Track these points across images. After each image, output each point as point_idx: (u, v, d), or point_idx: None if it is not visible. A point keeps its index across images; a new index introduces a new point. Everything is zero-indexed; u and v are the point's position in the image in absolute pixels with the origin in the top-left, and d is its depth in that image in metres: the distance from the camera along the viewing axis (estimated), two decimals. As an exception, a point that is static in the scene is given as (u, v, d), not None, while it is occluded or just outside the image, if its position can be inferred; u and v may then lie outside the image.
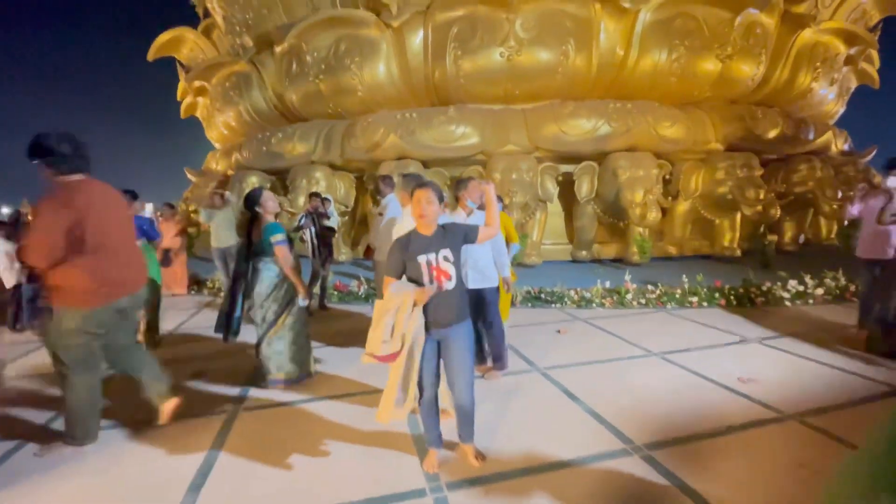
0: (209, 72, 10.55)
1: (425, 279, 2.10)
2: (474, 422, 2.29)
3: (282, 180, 10.14)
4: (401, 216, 2.73)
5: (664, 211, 8.61)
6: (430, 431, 2.27)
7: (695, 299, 5.11)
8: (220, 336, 3.22)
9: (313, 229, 5.18)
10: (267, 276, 3.16)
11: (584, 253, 8.51)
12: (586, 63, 8.12)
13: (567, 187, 8.64)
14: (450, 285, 2.11)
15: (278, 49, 9.26)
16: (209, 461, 2.33)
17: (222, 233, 5.94)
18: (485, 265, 3.24)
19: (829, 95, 10.00)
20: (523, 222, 8.09)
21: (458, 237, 2.17)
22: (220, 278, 6.31)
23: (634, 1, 7.80)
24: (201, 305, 5.93)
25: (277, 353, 3.19)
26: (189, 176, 12.67)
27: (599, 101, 8.45)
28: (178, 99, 13.08)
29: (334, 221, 5.81)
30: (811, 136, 9.06)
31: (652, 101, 8.45)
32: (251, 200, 3.20)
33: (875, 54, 10.65)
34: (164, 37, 11.51)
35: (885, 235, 3.72)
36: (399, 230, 2.66)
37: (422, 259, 2.10)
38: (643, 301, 5.18)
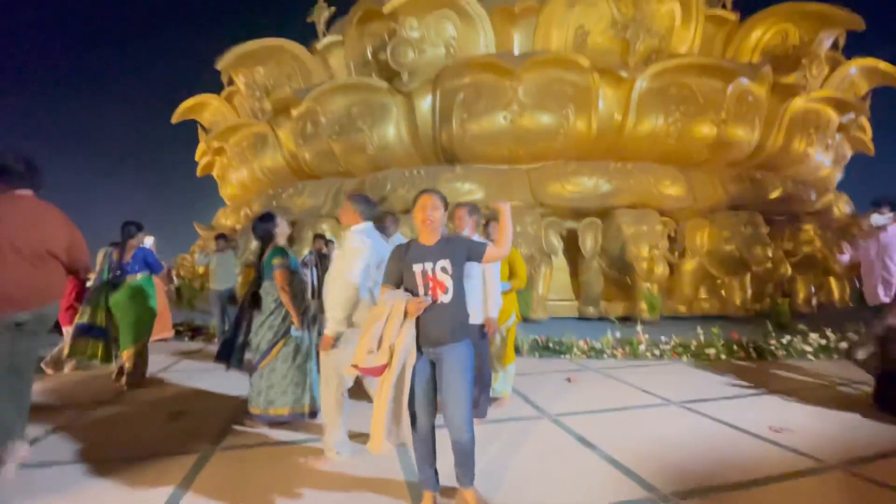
0: (228, 133, 11.15)
1: (420, 290, 1.97)
2: (475, 464, 2.01)
3: (289, 236, 10.27)
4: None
5: (671, 269, 8.49)
6: (425, 471, 1.99)
7: (712, 351, 4.83)
8: (206, 381, 3.02)
9: (315, 270, 5.09)
10: (264, 300, 3.02)
11: (591, 309, 8.27)
12: (586, 126, 8.48)
13: (572, 243, 8.62)
14: (446, 298, 1.96)
15: (295, 112, 9.83)
16: (172, 502, 2.05)
17: (221, 273, 5.86)
18: (470, 298, 2.98)
19: (825, 161, 10.25)
20: (529, 275, 7.98)
21: (461, 250, 2.06)
22: (216, 324, 6.12)
23: (631, 71, 8.31)
24: (191, 351, 5.69)
25: (268, 387, 2.94)
26: (198, 230, 12.91)
27: (601, 161, 8.70)
28: (197, 159, 13.73)
29: (337, 266, 5.73)
30: (813, 198, 9.16)
31: (652, 163, 8.69)
32: (265, 222, 3.11)
33: (867, 123, 11.06)
34: (189, 102, 12.35)
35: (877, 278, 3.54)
36: (347, 258, 2.44)
37: (417, 267, 1.98)
38: (657, 353, 4.89)
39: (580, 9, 8.48)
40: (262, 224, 3.15)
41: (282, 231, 3.17)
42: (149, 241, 6.50)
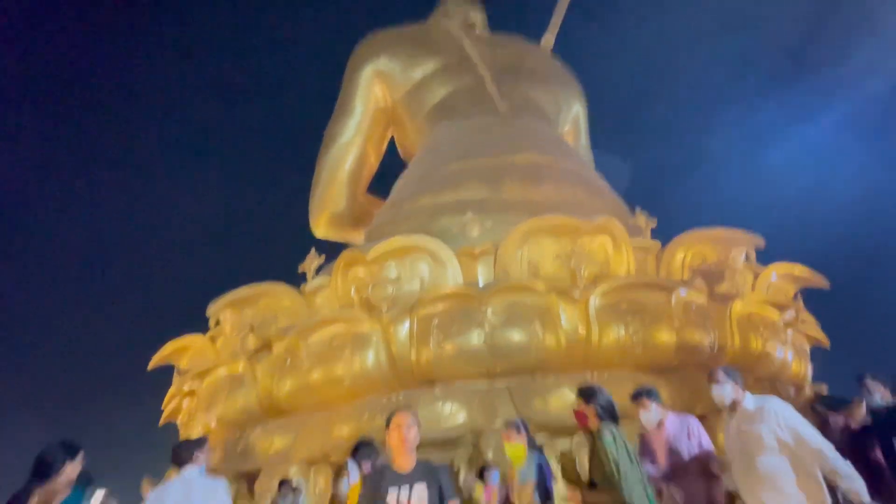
0: (205, 373, 11.05)
1: None
2: None
3: (249, 485, 9.12)
4: None
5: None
6: None
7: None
8: None
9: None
10: None
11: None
12: (555, 341, 8.99)
13: (570, 467, 7.86)
14: None
15: (277, 347, 10.12)
16: None
17: None
18: None
19: (787, 355, 10.71)
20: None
21: (437, 480, 1.98)
22: None
23: (582, 291, 9.40)
24: None
25: None
26: (146, 489, 11.14)
27: (578, 373, 8.86)
28: (163, 406, 13.03)
29: (302, 515, 4.92)
30: (792, 394, 9.18)
31: (627, 371, 8.89)
32: (48, 462, 2.47)
33: (809, 317, 12.06)
34: (170, 346, 12.56)
35: None
36: None
37: (392, 496, 1.86)
38: None
39: (528, 247, 10.21)
40: (49, 461, 2.51)
41: (70, 474, 2.56)
42: (98, 497, 5.14)
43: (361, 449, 3.68)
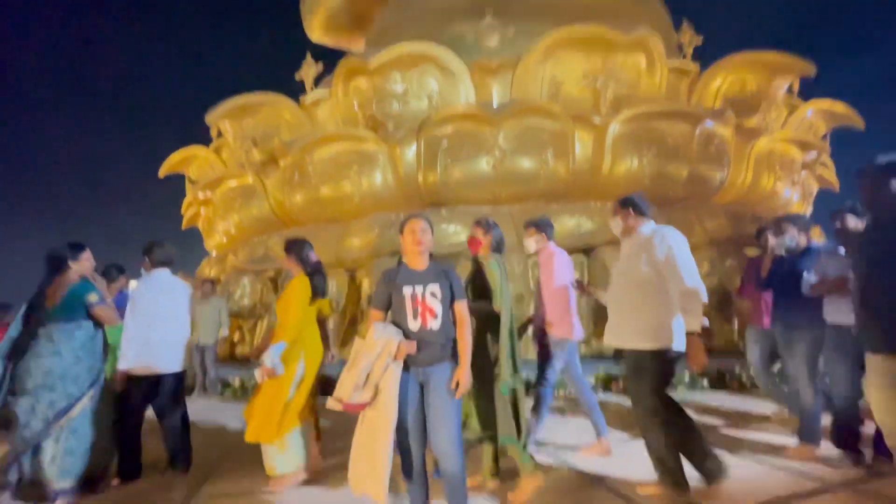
0: (216, 183, 11.28)
1: (408, 315, 1.97)
2: (467, 494, 1.92)
3: (273, 281, 10.21)
4: None
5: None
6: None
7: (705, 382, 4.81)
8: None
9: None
10: (68, 347, 2.72)
11: (582, 347, 8.22)
12: (565, 169, 8.84)
13: (559, 282, 8.70)
14: (435, 325, 1.98)
15: (283, 162, 10.05)
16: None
17: (207, 325, 5.72)
18: (164, 337, 3.18)
19: (793, 197, 10.74)
20: (521, 315, 8.00)
21: (448, 279, 2.11)
22: (197, 376, 5.88)
23: (603, 117, 8.80)
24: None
25: (68, 453, 2.68)
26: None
27: (581, 202, 8.99)
28: (182, 212, 13.74)
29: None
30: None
31: (630, 202, 8.99)
32: (57, 259, 2.89)
33: (829, 160, 11.71)
34: (176, 156, 12.53)
35: None
36: None
37: (407, 290, 2.01)
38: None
39: (552, 63, 9.10)
40: (62, 254, 2.93)
41: (86, 269, 2.99)
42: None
43: (295, 246, 3.68)
